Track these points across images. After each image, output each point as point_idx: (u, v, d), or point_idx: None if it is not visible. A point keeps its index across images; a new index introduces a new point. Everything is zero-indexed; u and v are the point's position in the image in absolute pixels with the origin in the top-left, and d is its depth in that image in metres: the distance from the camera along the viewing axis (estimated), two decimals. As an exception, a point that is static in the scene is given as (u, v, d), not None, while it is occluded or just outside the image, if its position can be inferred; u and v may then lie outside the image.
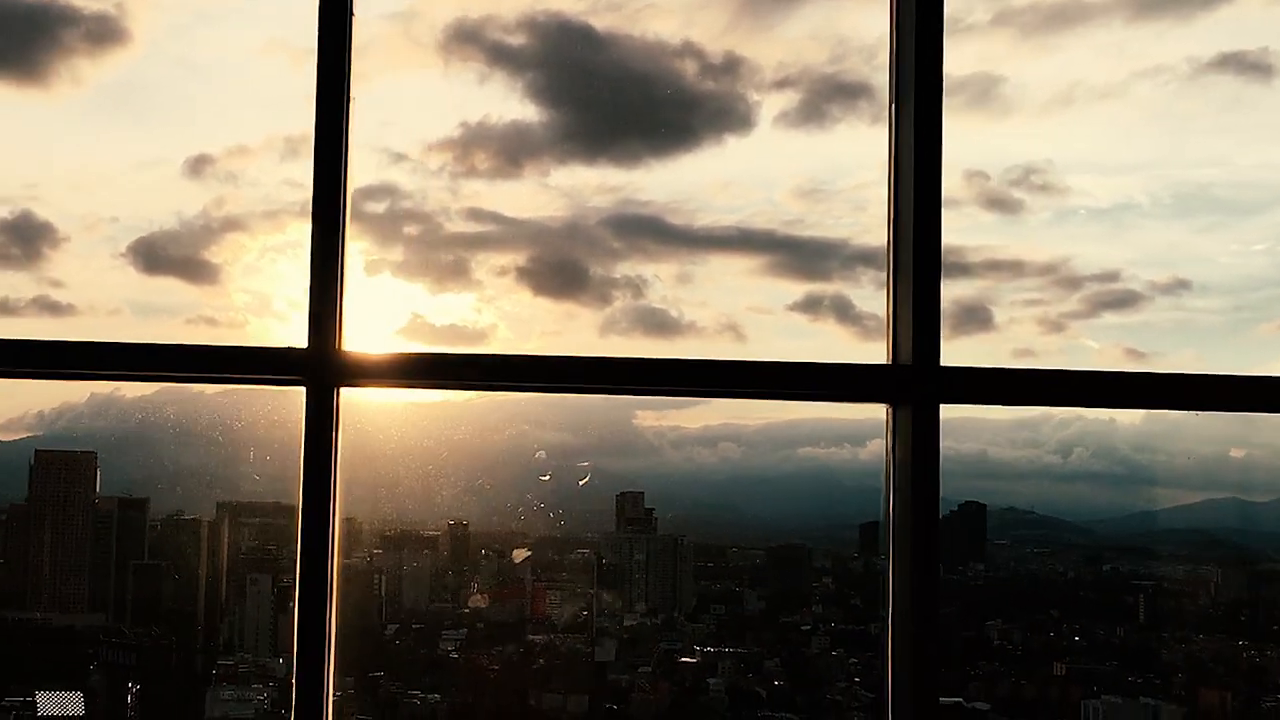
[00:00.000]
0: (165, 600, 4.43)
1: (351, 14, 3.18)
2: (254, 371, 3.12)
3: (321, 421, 3.01)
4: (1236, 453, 3.91)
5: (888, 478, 3.13)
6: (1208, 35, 3.95)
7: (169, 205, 4.05)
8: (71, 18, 3.89)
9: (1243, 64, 4.03)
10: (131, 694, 4.23)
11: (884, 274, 4.10)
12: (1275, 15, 3.96)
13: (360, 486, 3.97)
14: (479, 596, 4.50)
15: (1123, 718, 4.34)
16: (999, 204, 4.33)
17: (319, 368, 3.02)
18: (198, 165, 4.08)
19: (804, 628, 4.69)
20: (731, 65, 4.22)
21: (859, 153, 4.30)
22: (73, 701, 4.24)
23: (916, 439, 3.03)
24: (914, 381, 3.01)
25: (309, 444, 2.99)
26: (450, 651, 4.38)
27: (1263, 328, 4.25)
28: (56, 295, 4.01)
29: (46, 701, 4.25)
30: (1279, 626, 4.71)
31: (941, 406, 3.13)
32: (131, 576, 4.36)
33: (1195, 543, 4.63)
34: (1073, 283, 4.24)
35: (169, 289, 4.11)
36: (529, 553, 4.36)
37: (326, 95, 3.07)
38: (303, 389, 3.04)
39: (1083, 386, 3.09)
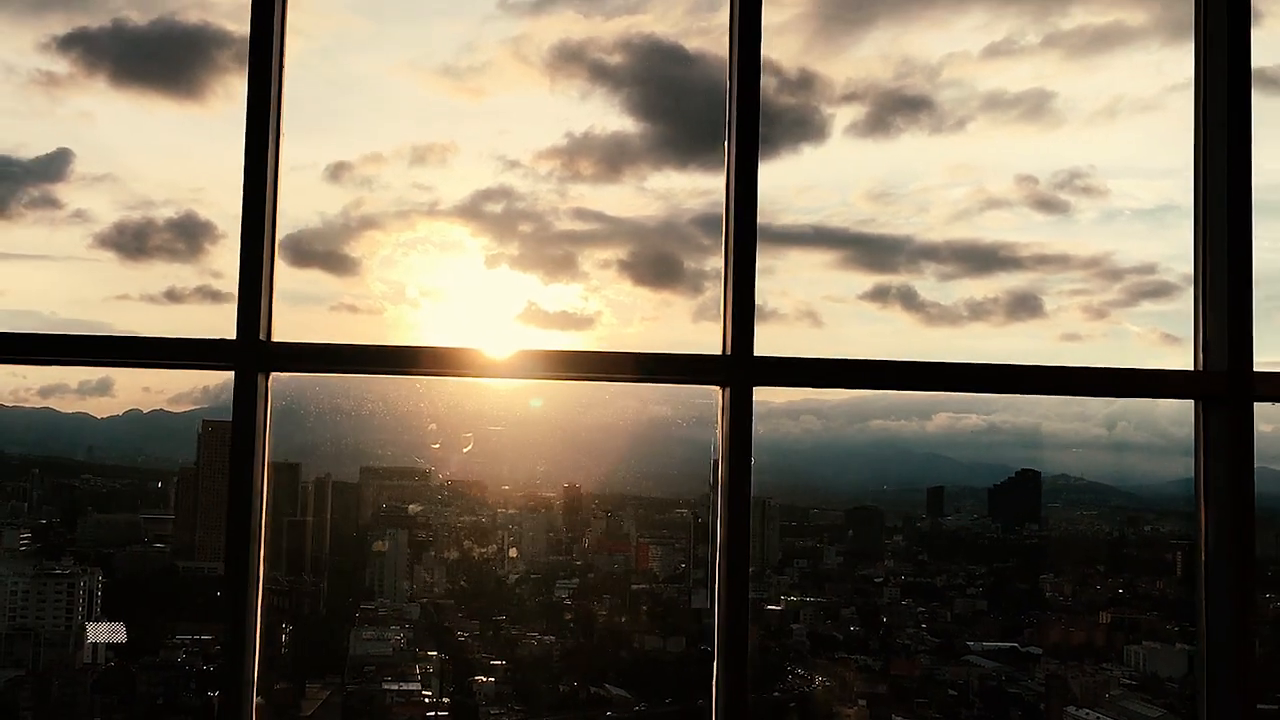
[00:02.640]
0: (315, 552, 4.56)
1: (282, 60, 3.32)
2: (193, 359, 3.25)
3: (248, 404, 3.15)
4: (1265, 427, 3.85)
5: (718, 447, 3.42)
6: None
7: (313, 206, 4.21)
8: (224, 40, 3.98)
9: (1263, 79, 3.97)
10: (285, 633, 4.42)
11: (945, 268, 4.44)
12: None
13: (484, 455, 4.25)
14: (590, 550, 4.66)
15: (1161, 662, 4.45)
16: (1048, 205, 4.45)
17: (246, 356, 3.16)
18: (337, 171, 4.23)
19: (877, 580, 4.86)
20: (806, 81, 4.33)
21: (921, 159, 4.43)
22: (119, 631, 4.42)
23: (734, 415, 3.33)
24: (732, 368, 3.32)
25: (237, 423, 3.10)
26: (564, 598, 4.58)
27: None
28: (216, 285, 4.12)
29: (97, 630, 4.43)
30: None
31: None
32: (285, 531, 4.49)
33: (1228, 506, 4.78)
34: (1115, 274, 4.33)
35: (315, 280, 4.23)
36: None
37: (255, 114, 3.16)
38: (231, 373, 3.08)
39: (867, 372, 3.41)
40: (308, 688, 4.49)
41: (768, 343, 3.81)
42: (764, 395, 4.28)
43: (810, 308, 4.36)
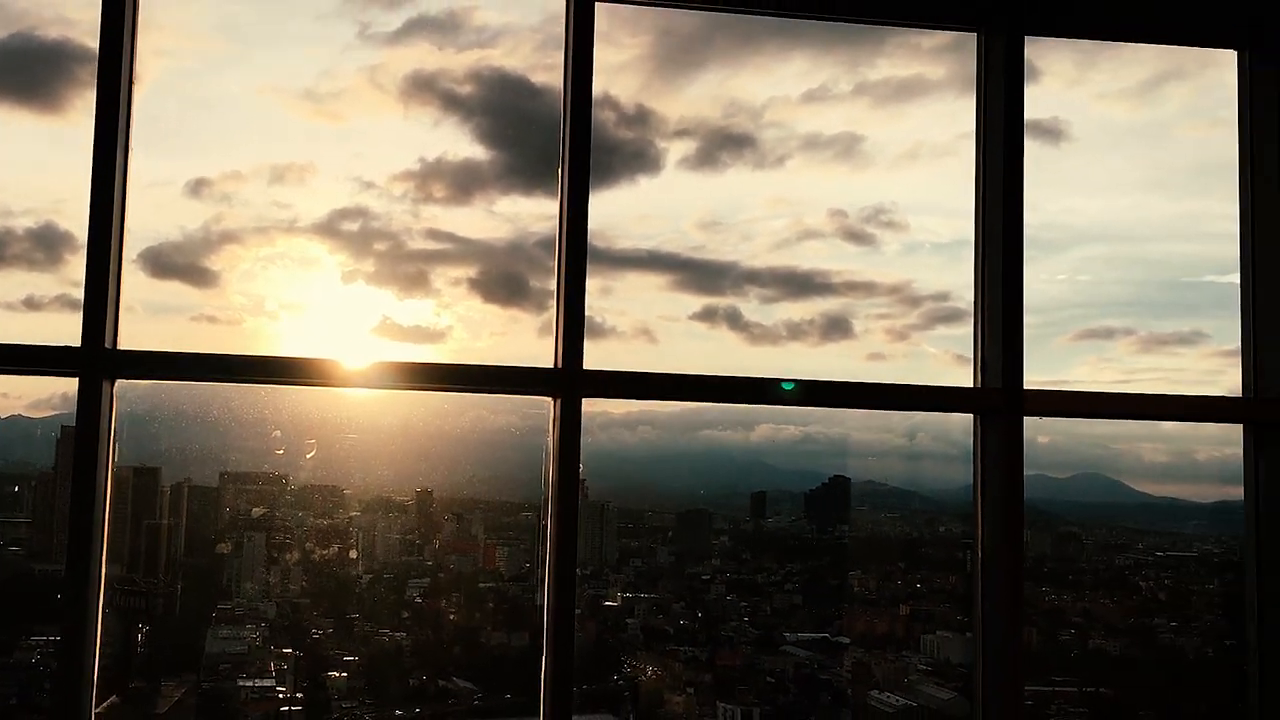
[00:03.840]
0: (173, 554, 4.52)
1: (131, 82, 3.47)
2: (38, 365, 3.39)
3: (92, 409, 3.29)
4: (1043, 439, 4.15)
5: (549, 454, 3.66)
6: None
7: (173, 220, 4.18)
8: (83, 56, 3.85)
9: (1039, 129, 4.30)
10: (141, 633, 4.37)
11: (767, 291, 4.64)
12: (1066, 92, 4.52)
13: (342, 461, 4.34)
14: (441, 551, 4.69)
15: (953, 649, 4.67)
16: (857, 237, 4.68)
17: (90, 362, 3.30)
18: (198, 187, 4.20)
19: (704, 577, 4.99)
20: (643, 117, 4.51)
21: (746, 192, 4.64)
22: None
23: (564, 424, 3.60)
24: (563, 381, 3.60)
25: (80, 428, 3.24)
26: (415, 597, 4.63)
27: (1059, 339, 4.62)
28: (75, 294, 3.83)
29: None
30: (1072, 576, 5.07)
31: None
32: (144, 534, 4.43)
33: (1010, 509, 5.06)
34: (914, 301, 4.60)
35: (176, 291, 4.19)
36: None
37: (102, 130, 3.34)
38: (76, 380, 3.27)
39: (685, 385, 3.81)
40: (163, 685, 4.46)
41: (607, 357, 4.02)
42: (604, 407, 4.38)
43: (646, 326, 4.51)
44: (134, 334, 3.76)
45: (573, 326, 3.70)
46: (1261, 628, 4.07)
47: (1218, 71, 4.37)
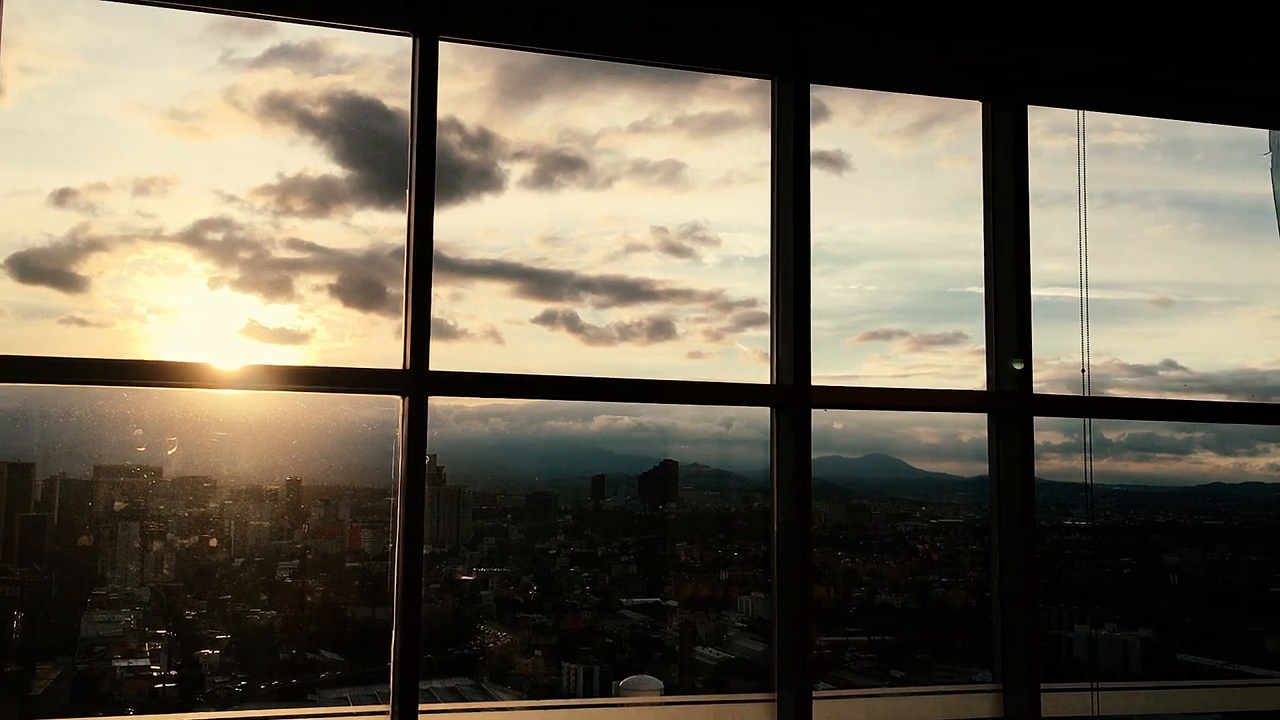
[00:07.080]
0: (48, 544, 4.58)
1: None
2: None
3: None
4: (838, 425, 4.74)
5: (399, 448, 3.88)
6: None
7: (39, 228, 4.23)
8: None
9: (830, 161, 4.88)
10: (17, 619, 4.44)
11: (600, 298, 4.96)
12: (852, 131, 5.13)
13: (211, 455, 4.54)
14: (309, 534, 4.82)
15: (764, 608, 4.91)
16: (677, 251, 5.07)
17: None
18: (62, 197, 4.26)
19: (550, 552, 5.29)
20: (486, 140, 4.80)
21: (580, 211, 5.00)
22: None
23: (411, 420, 3.89)
24: (410, 380, 3.90)
25: None
26: (285, 578, 4.76)
27: (849, 340, 5.14)
28: None
29: None
30: (863, 541, 5.57)
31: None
32: (18, 525, 4.51)
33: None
34: (727, 306, 5.00)
35: (45, 295, 4.25)
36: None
37: None
38: None
39: (522, 385, 4.13)
40: (39, 668, 4.50)
41: (459, 357, 4.35)
42: (458, 401, 4.65)
43: (494, 329, 4.78)
44: (4, 337, 4.00)
45: (419, 331, 4.04)
46: (1002, 580, 4.79)
47: (973, 117, 5.03)
